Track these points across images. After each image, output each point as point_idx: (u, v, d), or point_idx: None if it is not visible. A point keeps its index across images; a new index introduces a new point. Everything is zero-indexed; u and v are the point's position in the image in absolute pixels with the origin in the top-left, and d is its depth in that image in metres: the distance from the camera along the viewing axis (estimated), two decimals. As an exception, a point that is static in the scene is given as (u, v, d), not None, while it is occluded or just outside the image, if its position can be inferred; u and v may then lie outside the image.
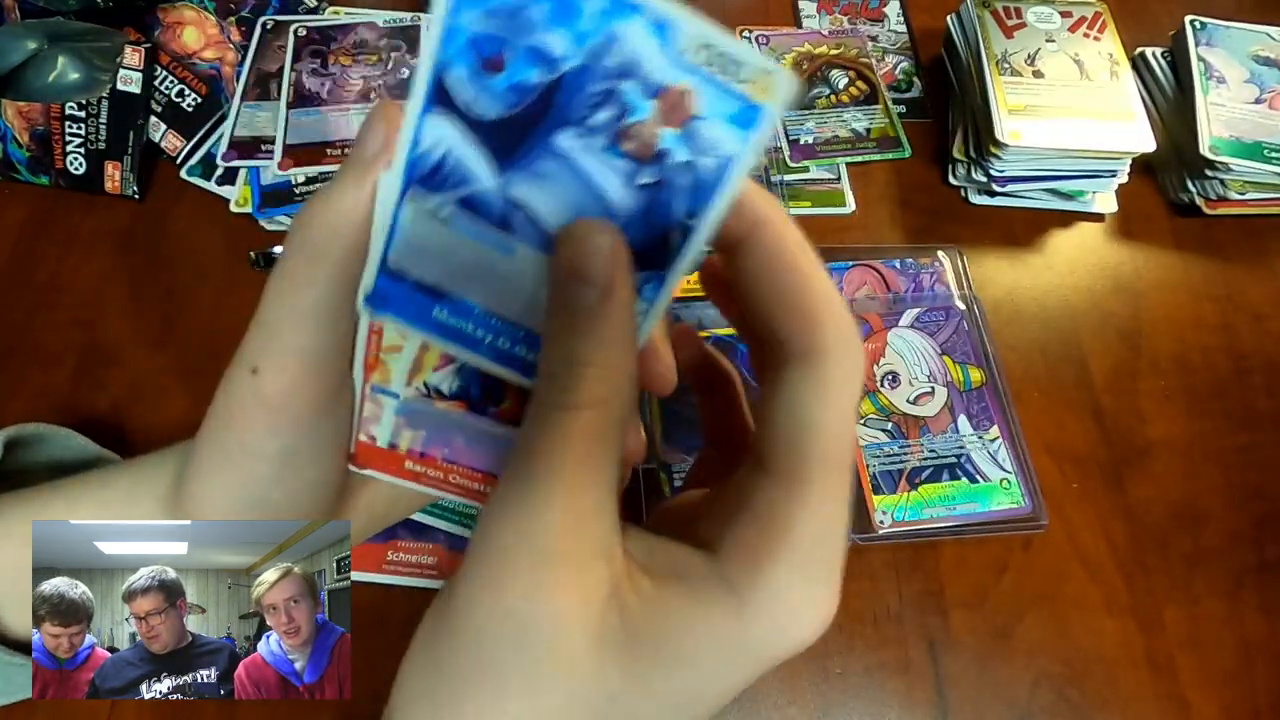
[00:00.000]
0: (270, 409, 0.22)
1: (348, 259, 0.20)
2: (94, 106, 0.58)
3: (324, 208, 0.20)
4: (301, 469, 0.24)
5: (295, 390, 0.22)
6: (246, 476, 0.23)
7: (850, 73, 0.69)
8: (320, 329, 0.21)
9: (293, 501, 0.24)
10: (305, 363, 0.21)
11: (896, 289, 0.57)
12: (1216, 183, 0.60)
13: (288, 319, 0.21)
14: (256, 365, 0.22)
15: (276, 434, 0.22)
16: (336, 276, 0.20)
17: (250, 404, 0.22)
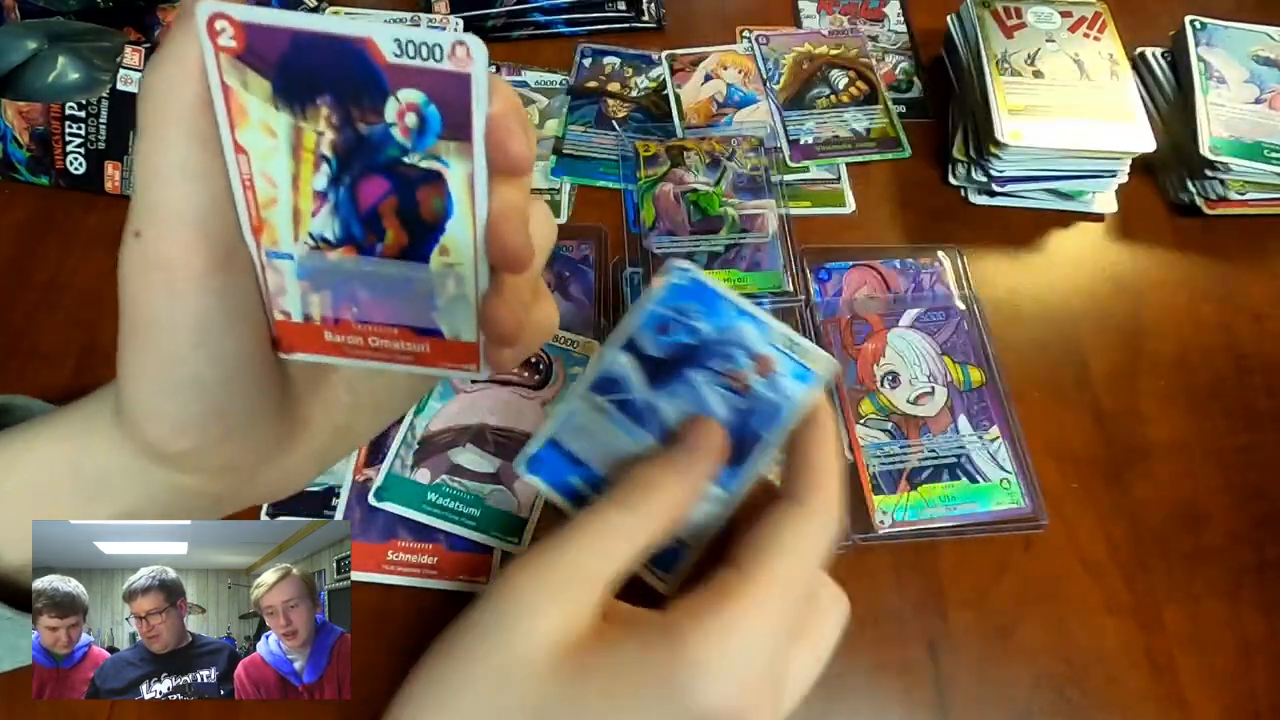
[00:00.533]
0: (162, 269, 0.22)
1: (193, 108, 0.21)
2: (94, 106, 0.58)
3: (161, 62, 0.21)
4: (220, 339, 0.23)
5: (182, 249, 0.22)
6: (162, 348, 0.23)
7: (850, 73, 0.69)
8: (190, 185, 0.21)
9: (222, 378, 0.24)
10: (183, 220, 0.22)
11: (896, 289, 0.57)
12: (1216, 183, 0.60)
13: (155, 180, 0.21)
14: (138, 229, 0.22)
15: (176, 296, 0.22)
16: (188, 128, 0.21)
17: (141, 269, 0.22)
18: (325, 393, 0.28)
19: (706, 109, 0.66)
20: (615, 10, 0.71)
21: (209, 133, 0.21)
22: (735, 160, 0.61)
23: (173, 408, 0.24)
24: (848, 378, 0.53)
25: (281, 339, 0.25)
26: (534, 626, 0.23)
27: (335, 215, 0.23)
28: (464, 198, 0.22)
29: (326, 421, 0.28)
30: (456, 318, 0.24)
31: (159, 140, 0.21)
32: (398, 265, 0.23)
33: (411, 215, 0.22)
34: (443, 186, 0.22)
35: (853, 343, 0.55)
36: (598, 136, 0.65)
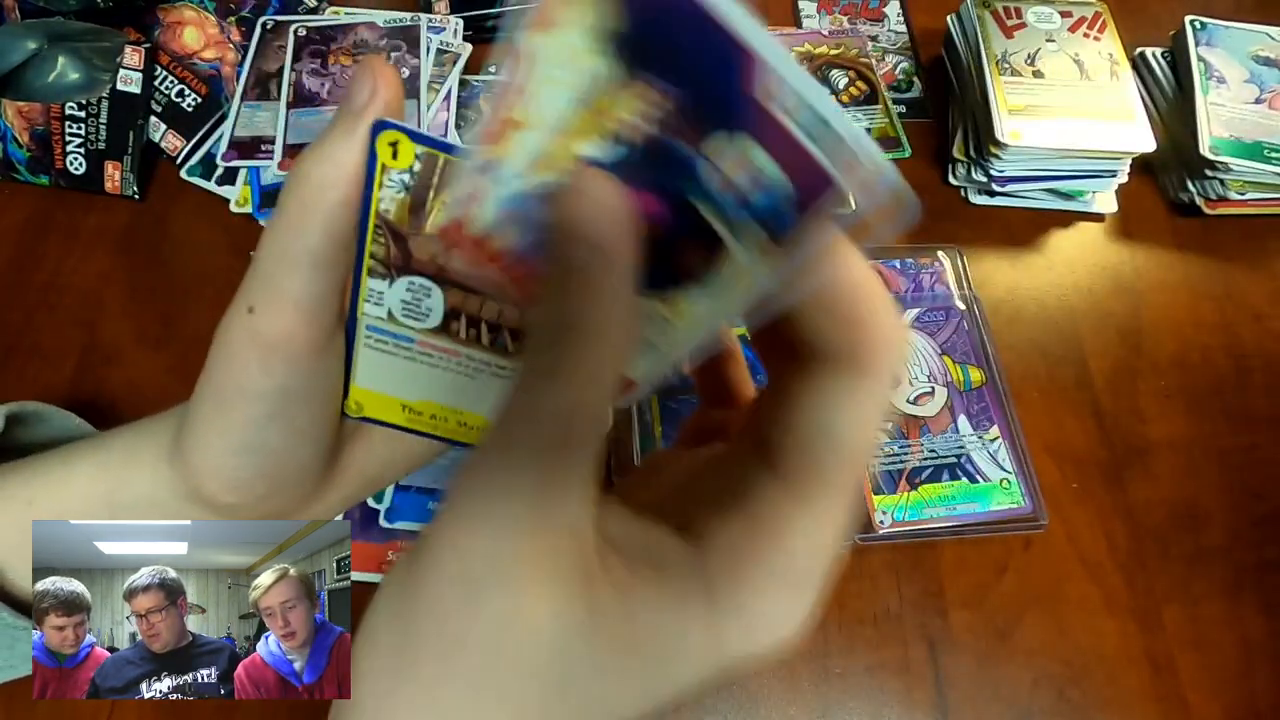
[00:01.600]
0: (265, 348, 0.23)
1: (339, 206, 0.21)
2: (94, 106, 0.58)
3: (317, 158, 0.21)
4: (296, 412, 0.24)
5: (290, 331, 0.22)
6: (242, 418, 0.24)
7: (850, 73, 0.69)
8: (314, 273, 0.22)
9: (288, 446, 0.25)
10: (299, 305, 0.22)
11: (896, 289, 0.57)
12: (1216, 183, 0.60)
13: (283, 263, 0.22)
14: (253, 305, 0.23)
15: (271, 373, 0.23)
16: (329, 223, 0.22)
17: (246, 343, 0.23)
18: (368, 448, 0.29)
19: (706, 109, 0.66)
20: (615, 10, 0.71)
21: (346, 232, 0.22)
22: (735, 160, 0.61)
23: (233, 468, 0.25)
24: (848, 378, 0.53)
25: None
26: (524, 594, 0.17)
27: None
28: (727, 282, 0.17)
29: (362, 473, 0.29)
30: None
31: (298, 226, 0.22)
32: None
33: (660, 246, 0.17)
34: (714, 256, 0.16)
35: (853, 343, 0.55)
36: (598, 136, 0.65)
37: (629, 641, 0.17)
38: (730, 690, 0.44)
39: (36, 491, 0.28)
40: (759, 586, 0.18)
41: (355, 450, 0.28)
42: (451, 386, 0.25)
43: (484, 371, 0.25)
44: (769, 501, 0.18)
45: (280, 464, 0.25)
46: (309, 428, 0.25)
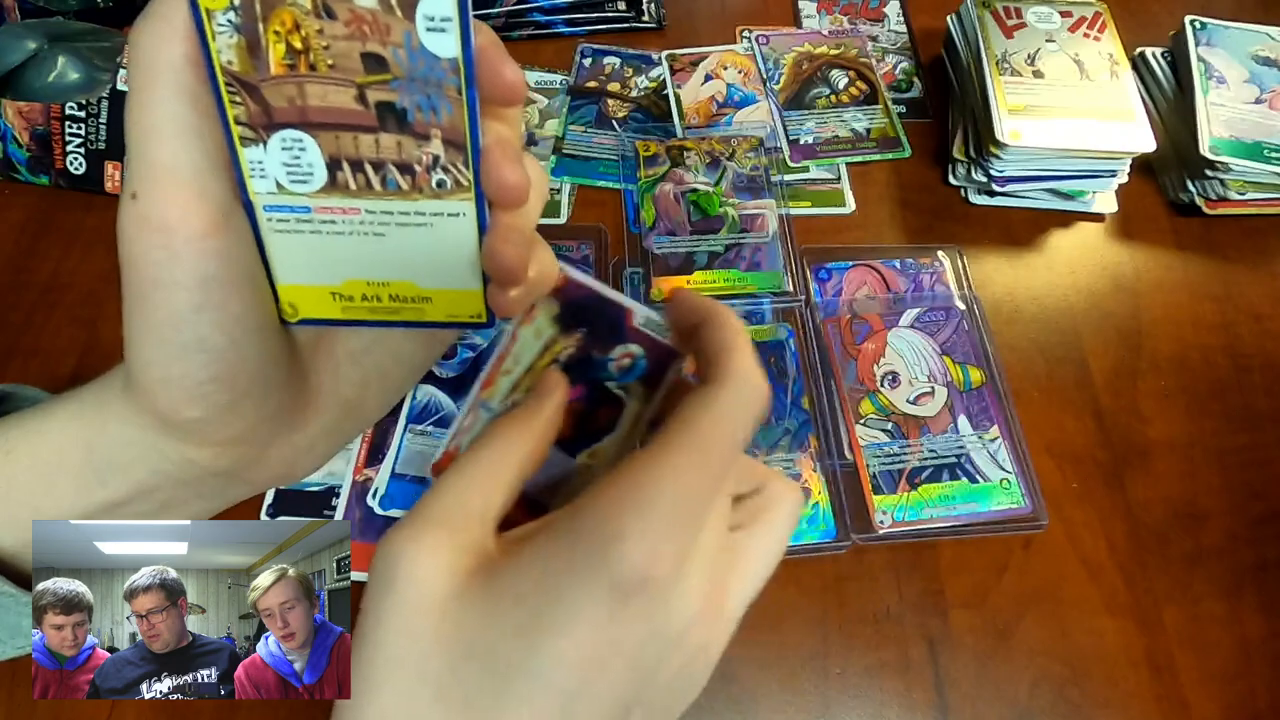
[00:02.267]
0: (160, 231, 0.22)
1: (182, 66, 0.21)
2: (94, 106, 0.58)
3: (147, 28, 0.21)
4: (224, 300, 0.23)
5: (179, 208, 0.22)
6: (168, 313, 0.23)
7: (850, 73, 0.69)
8: (181, 141, 0.21)
9: (230, 341, 0.24)
10: (179, 179, 0.22)
11: (896, 289, 0.57)
12: (1216, 183, 0.60)
13: (148, 137, 0.21)
14: (134, 190, 0.22)
15: (176, 258, 0.22)
16: (178, 85, 0.21)
17: (141, 231, 0.22)
18: (332, 365, 0.28)
19: (706, 109, 0.66)
20: (615, 10, 0.71)
21: (199, 91, 0.21)
22: (735, 160, 0.61)
23: (179, 372, 0.24)
24: (848, 378, 0.53)
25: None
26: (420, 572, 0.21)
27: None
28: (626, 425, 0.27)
29: (334, 396, 0.28)
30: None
31: (148, 97, 0.21)
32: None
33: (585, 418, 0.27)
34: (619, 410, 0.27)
35: (853, 343, 0.55)
36: (597, 136, 0.65)
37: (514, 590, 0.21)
38: (730, 690, 0.44)
39: (14, 442, 0.27)
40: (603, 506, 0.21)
41: (320, 370, 0.28)
42: (367, 254, 0.24)
43: (389, 223, 0.24)
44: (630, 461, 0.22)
45: (229, 366, 0.24)
46: (245, 322, 0.24)
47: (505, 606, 0.21)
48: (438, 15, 0.20)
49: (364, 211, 0.24)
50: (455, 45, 0.20)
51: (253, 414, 0.26)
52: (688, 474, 0.21)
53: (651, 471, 0.21)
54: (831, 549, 0.48)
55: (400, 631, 0.21)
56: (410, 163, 0.22)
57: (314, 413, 0.28)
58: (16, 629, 0.28)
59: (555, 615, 0.20)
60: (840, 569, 0.48)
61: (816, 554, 0.48)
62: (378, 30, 0.20)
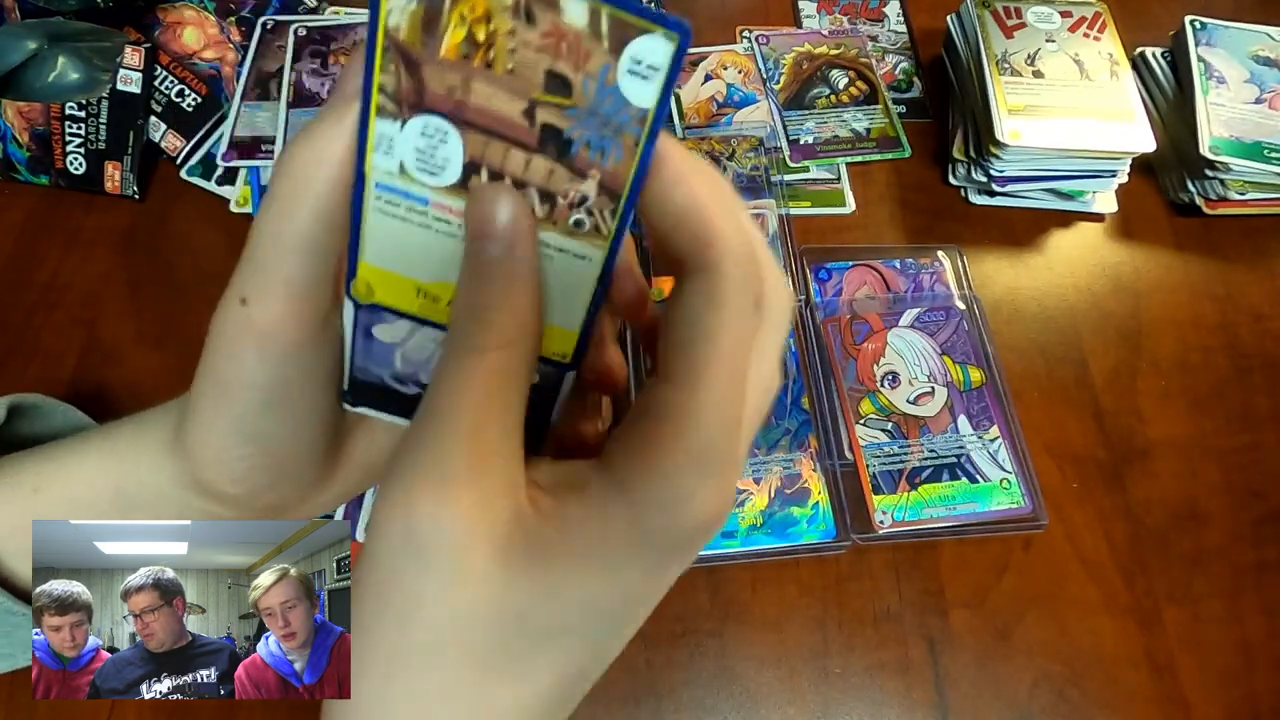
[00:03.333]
0: (259, 337, 0.22)
1: (330, 191, 0.21)
2: (94, 106, 0.58)
3: (307, 143, 0.21)
4: (294, 400, 0.24)
5: (283, 319, 0.22)
6: (240, 407, 0.24)
7: (850, 73, 0.69)
8: (305, 259, 0.22)
9: (287, 434, 0.24)
10: (292, 292, 0.22)
11: (896, 289, 0.57)
12: (1216, 183, 0.60)
13: (274, 250, 0.22)
14: (245, 296, 0.22)
15: (266, 362, 0.23)
16: (319, 208, 0.21)
17: (240, 333, 0.23)
18: (369, 437, 0.28)
19: (706, 109, 0.66)
20: (615, 10, 0.71)
21: (338, 214, 0.21)
22: (735, 160, 0.61)
23: (233, 458, 0.25)
24: (848, 378, 0.53)
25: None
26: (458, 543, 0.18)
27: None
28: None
29: (364, 462, 0.29)
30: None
31: (289, 212, 0.21)
32: None
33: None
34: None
35: (853, 343, 0.55)
36: (598, 136, 0.65)
37: (563, 557, 0.19)
38: (730, 690, 0.44)
39: (43, 480, 0.28)
40: (662, 471, 0.19)
41: (357, 439, 0.28)
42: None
43: None
44: (659, 404, 0.20)
45: (281, 453, 0.25)
46: (308, 416, 0.25)
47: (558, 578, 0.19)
48: (646, 61, 0.19)
49: None
50: (653, 97, 0.19)
51: (288, 489, 0.26)
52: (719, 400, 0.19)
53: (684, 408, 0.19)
54: (831, 549, 0.48)
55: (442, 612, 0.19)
56: (555, 193, 0.21)
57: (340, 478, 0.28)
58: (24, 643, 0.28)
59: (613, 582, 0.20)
60: (840, 569, 0.48)
61: (816, 554, 0.48)
62: (575, 53, 0.19)
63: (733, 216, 0.20)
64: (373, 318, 0.23)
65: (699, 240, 0.20)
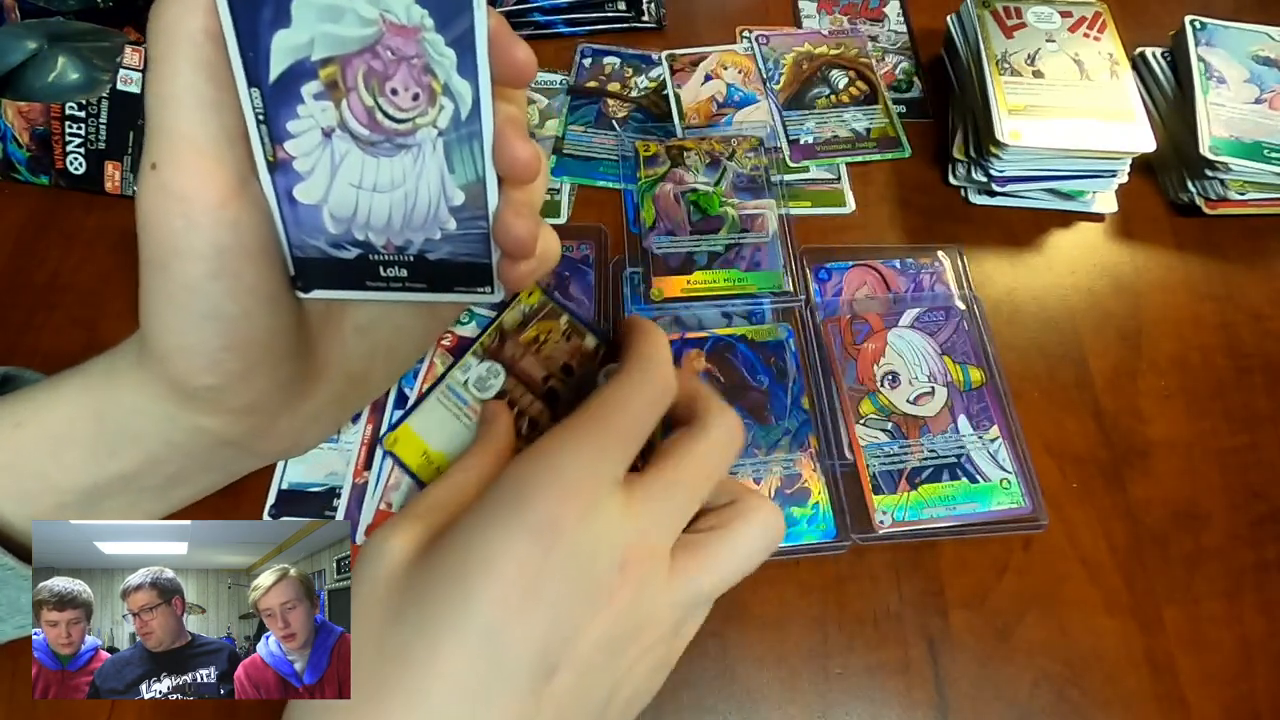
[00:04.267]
0: (179, 200, 0.22)
1: (203, 40, 0.21)
2: (94, 106, 0.58)
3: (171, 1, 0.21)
4: (238, 269, 0.24)
5: (197, 178, 0.22)
6: (183, 281, 0.23)
7: (850, 73, 0.69)
8: (200, 113, 0.22)
9: (243, 310, 0.24)
10: (198, 149, 0.22)
11: (896, 289, 0.57)
12: (1216, 183, 0.60)
13: (167, 108, 0.22)
14: (154, 161, 0.22)
15: (193, 225, 0.23)
16: (197, 58, 0.21)
17: (160, 200, 0.22)
18: (339, 337, 0.29)
19: (706, 109, 0.66)
20: (615, 10, 0.71)
21: (219, 65, 0.22)
22: (735, 160, 0.61)
23: (194, 340, 0.24)
24: (848, 378, 0.53)
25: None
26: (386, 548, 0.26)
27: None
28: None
29: (342, 367, 0.29)
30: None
31: (169, 69, 0.22)
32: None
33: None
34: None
35: (853, 343, 0.55)
36: (598, 136, 0.65)
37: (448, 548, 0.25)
38: (730, 690, 0.44)
39: (23, 414, 0.28)
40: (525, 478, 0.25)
41: (329, 342, 0.28)
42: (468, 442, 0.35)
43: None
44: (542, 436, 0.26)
45: (242, 335, 0.25)
46: (259, 291, 0.25)
47: (438, 559, 0.23)
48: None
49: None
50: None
51: (264, 382, 0.26)
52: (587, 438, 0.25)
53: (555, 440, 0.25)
54: (831, 549, 0.48)
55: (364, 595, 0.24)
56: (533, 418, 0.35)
57: (322, 383, 0.28)
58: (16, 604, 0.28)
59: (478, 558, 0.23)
60: (840, 569, 0.48)
61: (816, 554, 0.48)
62: (581, 356, 0.34)
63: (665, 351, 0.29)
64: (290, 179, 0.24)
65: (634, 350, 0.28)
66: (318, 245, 0.25)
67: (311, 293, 0.26)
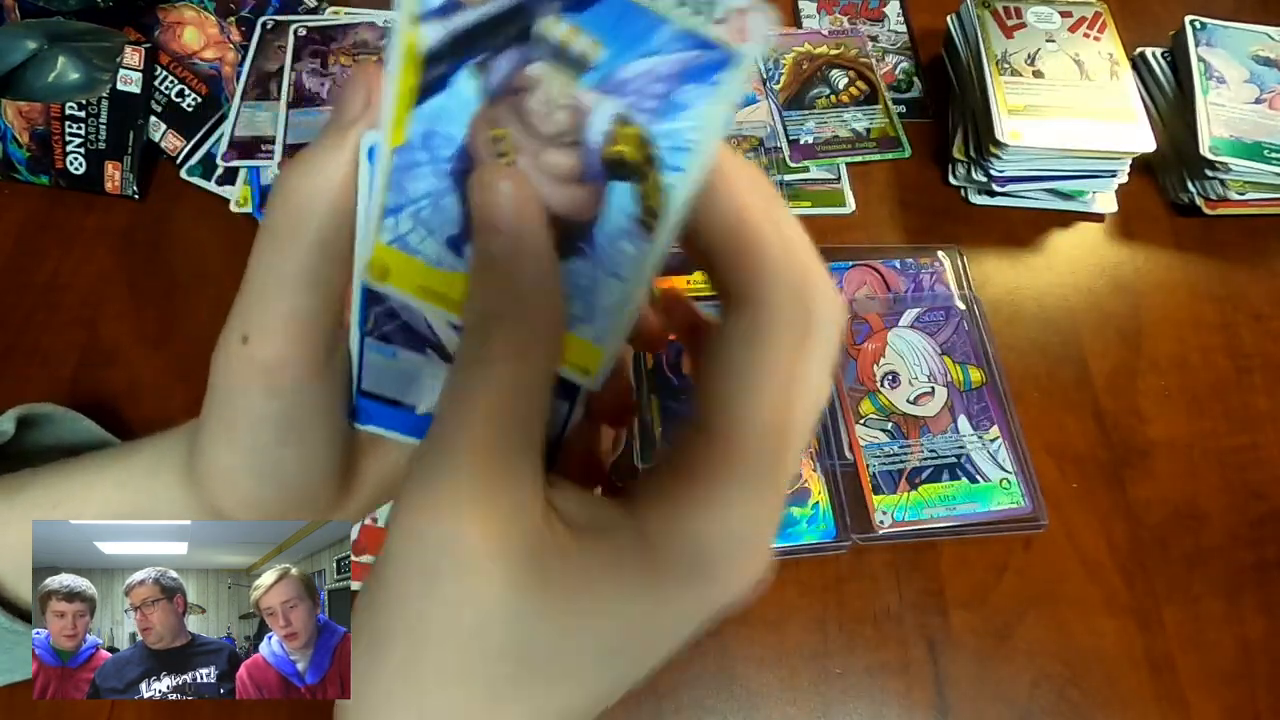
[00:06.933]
0: (264, 373, 0.22)
1: (329, 220, 0.20)
2: (94, 106, 0.58)
3: (304, 169, 0.20)
4: (305, 431, 0.23)
5: (287, 354, 0.22)
6: (252, 443, 0.23)
7: (850, 73, 0.69)
8: (307, 291, 0.21)
9: (302, 465, 0.24)
10: (295, 326, 0.21)
11: (896, 289, 0.57)
12: (1216, 183, 0.60)
13: (274, 284, 0.21)
14: (247, 333, 0.22)
15: (273, 397, 0.22)
16: (319, 238, 0.20)
17: (244, 372, 0.22)
18: (382, 453, 0.28)
19: (706, 109, 0.66)
20: (615, 10, 0.71)
21: (337, 241, 0.20)
22: (735, 160, 0.61)
23: (250, 488, 0.24)
24: (848, 378, 0.53)
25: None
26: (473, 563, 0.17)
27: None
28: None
29: (377, 482, 0.29)
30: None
31: (288, 243, 0.20)
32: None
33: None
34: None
35: (853, 343, 0.55)
36: (598, 136, 0.65)
37: (579, 605, 0.18)
38: (730, 690, 0.44)
39: (61, 496, 0.28)
40: (690, 530, 0.18)
41: (369, 461, 0.28)
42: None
43: None
44: (695, 458, 0.18)
45: (295, 483, 0.25)
46: (320, 446, 0.24)
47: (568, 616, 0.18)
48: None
49: None
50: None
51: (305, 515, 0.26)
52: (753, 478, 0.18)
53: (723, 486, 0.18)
54: (831, 549, 0.48)
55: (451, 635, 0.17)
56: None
57: (354, 498, 0.28)
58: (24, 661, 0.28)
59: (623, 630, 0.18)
60: (840, 569, 0.48)
61: (816, 554, 0.48)
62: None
63: (781, 235, 0.18)
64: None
65: (745, 268, 0.18)
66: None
67: (367, 427, 0.26)
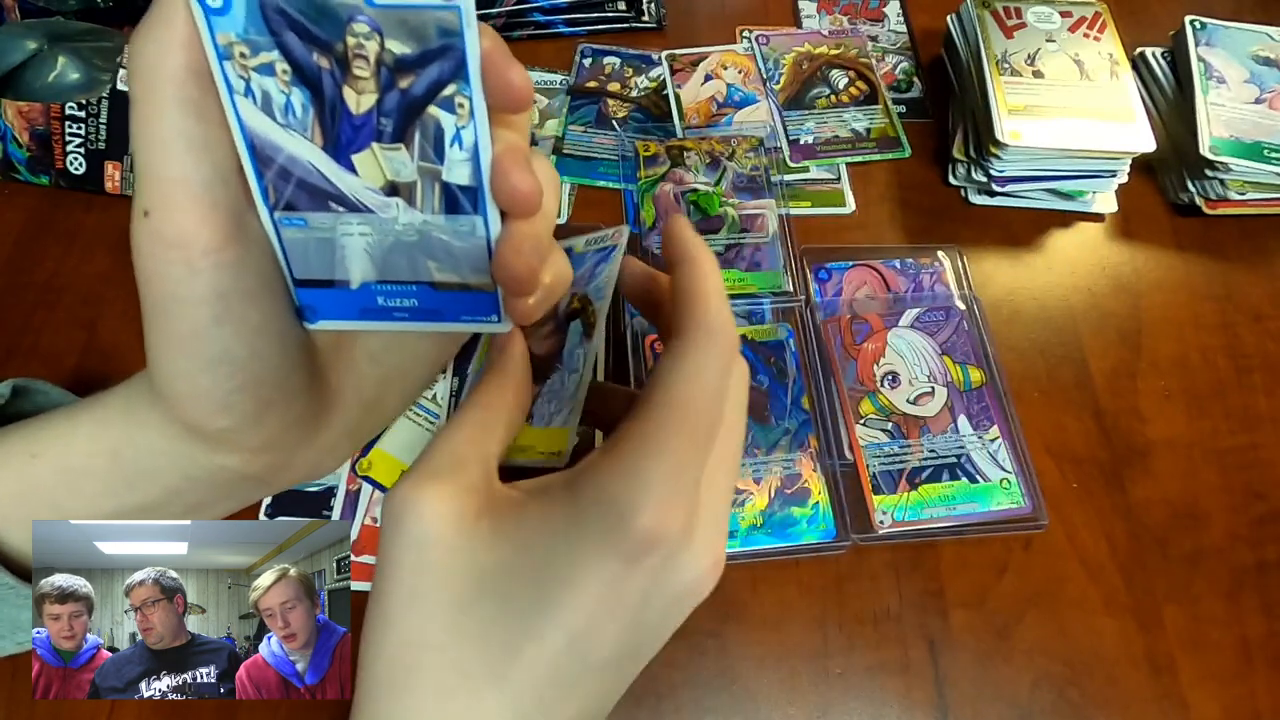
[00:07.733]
0: (176, 247, 0.22)
1: (182, 75, 0.20)
2: (94, 106, 0.58)
3: (144, 33, 0.20)
4: (242, 311, 0.23)
5: (189, 225, 0.21)
6: (189, 327, 0.23)
7: (850, 73, 0.69)
8: (188, 155, 0.21)
9: (252, 351, 0.24)
10: (187, 194, 0.21)
11: (896, 289, 0.57)
12: (1216, 183, 0.60)
13: (156, 152, 0.21)
14: (146, 208, 0.21)
15: (194, 271, 0.22)
16: (178, 95, 0.20)
17: (156, 248, 0.22)
18: (351, 365, 0.28)
19: (706, 109, 0.66)
20: (615, 10, 0.71)
21: (205, 101, 0.21)
22: (735, 160, 0.61)
23: (205, 385, 0.24)
24: (848, 378, 0.53)
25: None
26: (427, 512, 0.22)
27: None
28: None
29: (356, 396, 0.28)
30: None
31: (153, 111, 0.21)
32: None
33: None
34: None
35: (853, 343, 0.55)
36: (598, 136, 0.65)
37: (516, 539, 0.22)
38: (730, 690, 0.44)
39: (40, 446, 0.27)
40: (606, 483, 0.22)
41: (341, 372, 0.28)
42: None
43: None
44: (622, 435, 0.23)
45: (253, 375, 0.24)
46: (266, 330, 0.24)
47: (515, 553, 0.22)
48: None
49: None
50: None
51: (279, 420, 0.26)
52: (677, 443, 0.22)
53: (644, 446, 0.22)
54: (831, 549, 0.48)
55: (413, 567, 0.22)
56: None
57: (337, 414, 0.28)
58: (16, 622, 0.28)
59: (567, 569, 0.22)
60: (840, 569, 0.48)
61: (816, 554, 0.48)
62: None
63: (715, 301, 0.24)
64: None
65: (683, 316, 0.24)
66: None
67: (317, 324, 0.26)
